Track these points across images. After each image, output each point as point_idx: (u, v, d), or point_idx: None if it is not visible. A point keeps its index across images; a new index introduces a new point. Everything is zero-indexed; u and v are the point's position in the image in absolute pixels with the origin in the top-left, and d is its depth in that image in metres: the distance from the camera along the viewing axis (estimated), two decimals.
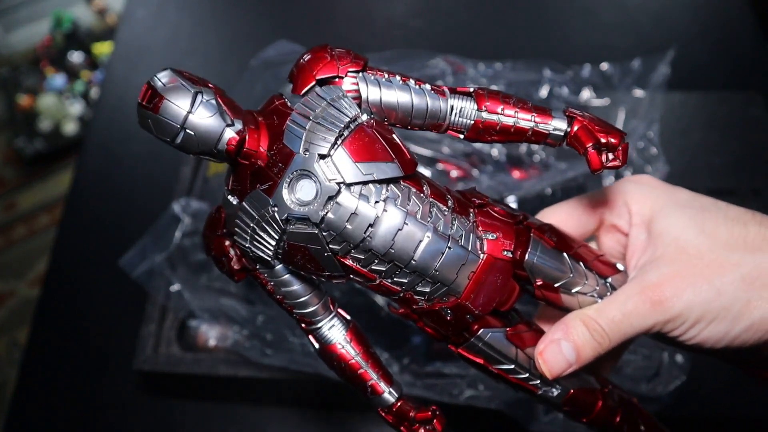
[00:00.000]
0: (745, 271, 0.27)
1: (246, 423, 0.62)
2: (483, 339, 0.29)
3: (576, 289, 0.30)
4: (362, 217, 0.25)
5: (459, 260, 0.27)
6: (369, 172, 0.25)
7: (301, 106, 0.26)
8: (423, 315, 0.28)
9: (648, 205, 0.31)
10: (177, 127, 0.25)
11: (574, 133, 0.28)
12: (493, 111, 0.29)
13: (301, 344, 0.56)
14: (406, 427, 0.29)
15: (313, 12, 0.99)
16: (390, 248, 0.26)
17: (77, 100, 1.92)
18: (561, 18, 0.94)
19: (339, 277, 0.27)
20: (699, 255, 0.28)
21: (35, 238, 1.74)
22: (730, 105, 0.73)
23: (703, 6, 0.93)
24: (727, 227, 0.29)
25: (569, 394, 0.30)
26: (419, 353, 0.54)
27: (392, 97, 0.28)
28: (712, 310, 0.27)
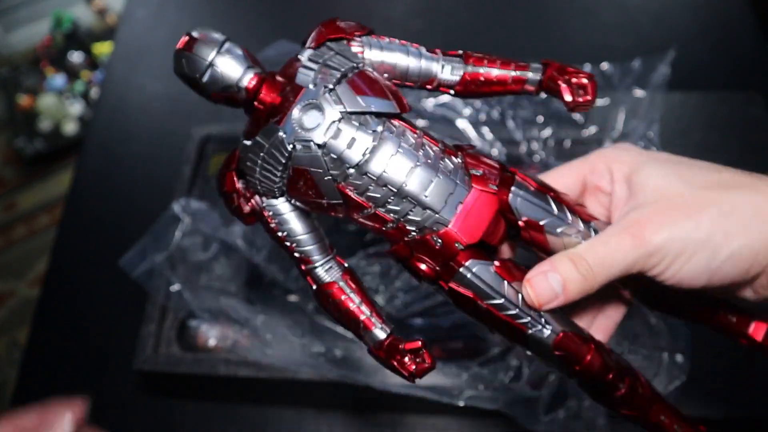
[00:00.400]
0: (722, 207, 0.28)
1: (246, 423, 0.62)
2: (471, 270, 0.30)
3: (560, 229, 0.31)
4: (360, 142, 0.29)
5: (447, 188, 0.30)
6: (368, 104, 0.29)
7: (312, 54, 0.31)
8: (414, 246, 0.30)
9: (627, 162, 0.32)
10: (206, 62, 0.30)
11: (548, 76, 0.31)
12: (478, 64, 0.33)
13: (301, 344, 0.56)
14: (396, 360, 0.31)
15: (313, 12, 0.99)
16: (384, 171, 0.29)
17: (77, 100, 1.92)
18: (561, 18, 0.94)
19: (337, 206, 0.30)
20: (678, 195, 0.29)
21: (35, 238, 1.75)
22: (730, 105, 0.73)
23: (703, 6, 0.93)
24: (703, 174, 0.30)
25: (560, 335, 0.30)
26: None
27: (391, 57, 0.32)
28: (691, 243, 0.28)
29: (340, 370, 0.52)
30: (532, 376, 0.51)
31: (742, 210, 0.28)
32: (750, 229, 0.28)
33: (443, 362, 0.53)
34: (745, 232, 0.28)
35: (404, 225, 0.30)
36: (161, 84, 0.91)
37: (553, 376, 0.51)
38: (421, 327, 0.56)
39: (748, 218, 0.28)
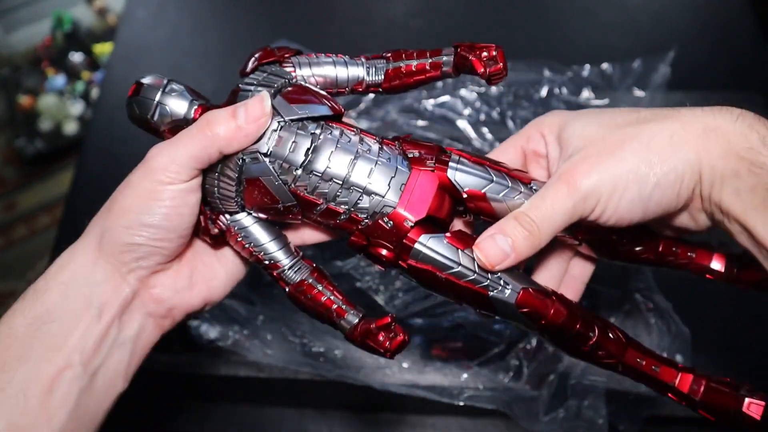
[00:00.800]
0: (642, 139, 0.29)
1: (246, 423, 0.62)
2: (425, 244, 0.32)
3: (502, 194, 0.33)
4: (301, 145, 0.32)
5: (388, 173, 0.32)
6: (303, 111, 0.32)
7: (248, 78, 0.34)
8: (368, 232, 0.32)
9: (556, 123, 0.33)
10: (154, 102, 0.34)
11: (459, 55, 0.33)
12: (397, 59, 0.35)
13: (301, 344, 0.56)
14: (371, 340, 0.32)
15: (313, 12, 0.99)
16: (327, 167, 0.32)
17: (78, 100, 1.92)
18: (561, 18, 0.94)
19: (292, 207, 0.32)
20: (601, 138, 0.30)
21: (36, 238, 1.75)
22: (730, 105, 0.73)
23: (703, 6, 0.93)
24: (622, 115, 0.31)
25: (520, 292, 0.31)
26: (419, 355, 0.54)
27: (320, 70, 0.35)
28: (619, 179, 0.29)
29: (340, 370, 0.52)
30: (532, 376, 0.51)
31: (660, 138, 0.29)
32: (670, 154, 0.28)
33: (443, 362, 0.53)
34: (666, 157, 0.28)
35: (356, 214, 0.32)
36: None
37: (552, 376, 0.51)
38: (421, 327, 0.56)
39: (666, 144, 0.28)
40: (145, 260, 0.31)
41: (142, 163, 0.33)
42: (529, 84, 0.65)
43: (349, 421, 0.61)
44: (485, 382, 0.50)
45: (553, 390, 0.51)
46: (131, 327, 0.32)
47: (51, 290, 0.30)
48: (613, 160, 0.29)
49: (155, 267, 0.32)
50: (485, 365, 0.53)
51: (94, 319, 0.30)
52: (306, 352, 0.55)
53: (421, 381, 0.50)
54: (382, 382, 0.50)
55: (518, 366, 0.53)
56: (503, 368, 0.53)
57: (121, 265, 0.31)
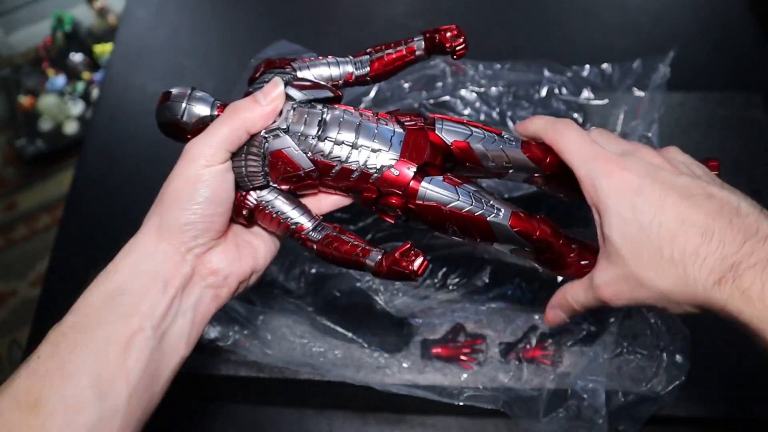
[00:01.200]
0: (680, 272, 0.33)
1: (246, 423, 0.62)
2: (428, 185, 0.38)
3: (481, 143, 0.40)
4: (312, 119, 0.38)
5: (389, 133, 0.38)
6: (310, 95, 0.39)
7: (257, 82, 0.40)
8: (379, 183, 0.38)
9: (584, 176, 0.36)
10: (183, 105, 0.39)
11: (428, 38, 0.40)
12: (378, 51, 0.42)
13: (301, 344, 0.56)
14: (396, 265, 0.36)
15: (313, 12, 0.99)
16: (338, 133, 0.38)
17: (78, 100, 1.92)
18: (561, 18, 0.94)
19: (312, 172, 0.38)
20: (639, 257, 0.34)
21: (36, 238, 1.75)
22: (730, 105, 0.73)
23: (703, 6, 0.93)
24: (671, 208, 0.34)
25: (511, 215, 0.38)
26: (419, 355, 0.54)
27: (317, 71, 0.41)
28: (646, 299, 0.35)
29: (340, 370, 0.52)
30: (532, 376, 0.51)
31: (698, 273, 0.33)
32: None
33: (443, 362, 0.53)
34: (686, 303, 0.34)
35: (366, 170, 0.38)
36: (161, 84, 0.91)
37: (552, 376, 0.51)
38: (421, 327, 0.56)
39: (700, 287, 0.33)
40: (200, 237, 0.36)
41: (182, 156, 0.37)
42: (528, 84, 0.65)
43: (349, 421, 0.61)
44: (485, 383, 0.50)
45: (553, 390, 0.51)
46: (191, 298, 0.36)
47: (120, 271, 0.35)
48: (643, 291, 0.34)
49: (209, 243, 0.37)
50: (485, 365, 0.53)
51: (159, 292, 0.34)
52: (306, 352, 0.55)
53: (421, 381, 0.51)
54: (381, 382, 0.50)
55: (518, 366, 0.53)
56: (503, 368, 0.53)
57: (180, 244, 0.36)
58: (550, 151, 0.40)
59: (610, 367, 0.50)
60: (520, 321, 0.55)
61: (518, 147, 0.41)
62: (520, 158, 0.40)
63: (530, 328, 0.54)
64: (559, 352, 0.53)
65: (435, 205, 0.37)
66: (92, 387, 0.31)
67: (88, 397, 0.30)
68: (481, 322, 0.55)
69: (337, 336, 0.54)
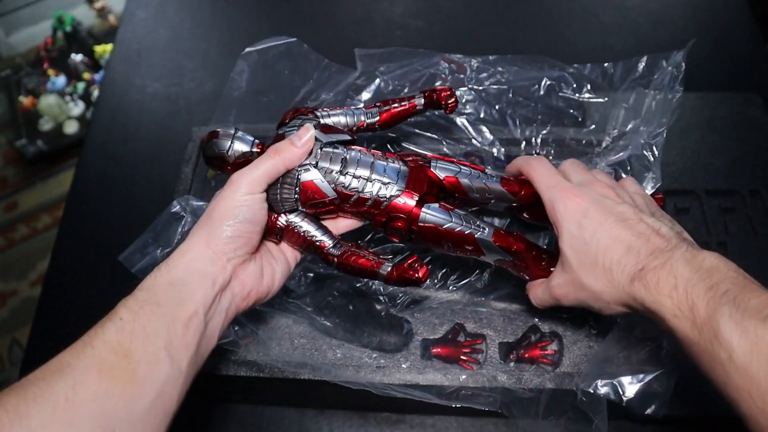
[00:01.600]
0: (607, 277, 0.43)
1: (246, 423, 0.62)
2: (428, 210, 0.47)
3: (467, 178, 0.49)
4: (336, 157, 0.47)
5: (396, 170, 0.47)
6: (333, 138, 0.48)
7: (288, 125, 0.49)
8: (388, 209, 0.47)
9: (547, 198, 0.47)
10: (228, 142, 0.48)
11: (427, 96, 0.53)
12: (386, 105, 0.53)
13: (301, 344, 0.56)
14: (404, 273, 0.44)
15: (313, 12, 0.99)
16: (356, 168, 0.46)
17: (79, 101, 1.93)
18: (561, 18, 0.94)
19: (334, 200, 0.46)
20: (581, 265, 0.44)
21: (36, 238, 1.75)
22: (729, 106, 0.73)
23: (702, 7, 0.93)
24: (604, 228, 0.44)
25: (494, 231, 0.47)
26: (418, 355, 0.54)
27: (336, 119, 0.51)
28: (585, 300, 0.45)
29: (340, 371, 0.52)
30: (532, 377, 0.51)
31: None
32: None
33: (443, 362, 0.53)
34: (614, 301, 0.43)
35: (378, 198, 0.46)
36: (161, 84, 0.91)
37: (552, 375, 0.51)
38: (420, 326, 0.56)
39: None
40: (239, 249, 0.44)
41: (229, 183, 0.45)
42: (528, 82, 0.65)
43: (349, 421, 0.61)
44: (485, 383, 0.50)
45: (552, 391, 0.51)
46: (225, 301, 0.43)
47: (179, 266, 0.42)
48: (584, 292, 0.44)
49: (244, 256, 0.45)
50: (485, 365, 0.53)
51: (209, 287, 0.42)
52: (306, 352, 0.55)
53: (421, 381, 0.51)
54: (381, 382, 0.51)
55: (518, 366, 0.53)
56: (503, 369, 0.53)
57: (223, 254, 0.43)
58: (524, 185, 0.50)
59: (610, 367, 0.50)
60: (520, 321, 0.55)
61: (498, 181, 0.50)
62: (500, 190, 0.50)
63: (530, 328, 0.54)
64: (560, 352, 0.53)
65: (433, 226, 0.46)
66: (165, 349, 0.38)
67: (163, 356, 0.37)
68: (481, 322, 0.55)
69: (336, 336, 0.54)
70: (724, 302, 0.35)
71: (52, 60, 1.99)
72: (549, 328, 0.54)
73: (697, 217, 0.64)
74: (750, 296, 0.35)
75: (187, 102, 0.88)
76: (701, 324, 0.36)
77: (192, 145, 0.65)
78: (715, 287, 0.36)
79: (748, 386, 0.33)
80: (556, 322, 0.54)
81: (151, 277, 0.41)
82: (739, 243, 0.63)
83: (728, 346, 0.34)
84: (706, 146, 0.69)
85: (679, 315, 0.37)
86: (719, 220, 0.64)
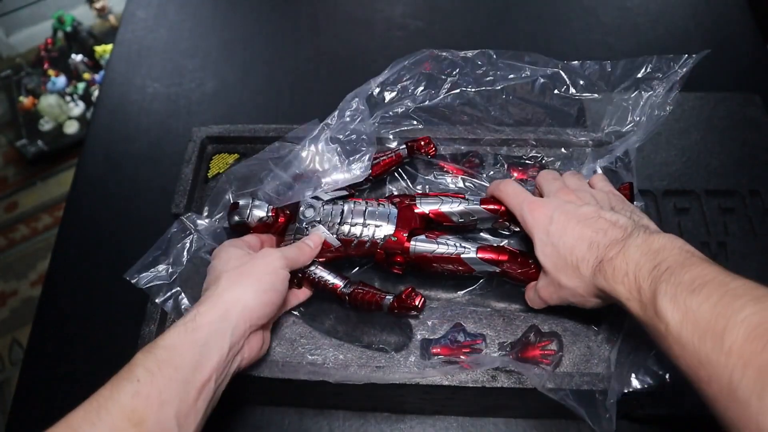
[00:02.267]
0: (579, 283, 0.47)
1: (246, 423, 0.62)
2: (416, 242, 0.53)
3: (448, 208, 0.55)
4: (336, 209, 0.55)
5: (386, 212, 0.55)
6: (333, 195, 0.56)
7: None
8: (384, 248, 0.53)
9: (517, 212, 0.52)
10: (247, 210, 0.55)
11: (408, 146, 0.61)
12: (375, 159, 0.59)
13: (301, 344, 0.56)
14: (404, 305, 0.51)
15: (313, 12, 0.99)
16: (353, 218, 0.54)
17: (79, 101, 1.93)
18: (560, 18, 0.94)
19: (339, 247, 0.54)
20: (557, 271, 0.48)
21: (37, 238, 1.75)
22: (729, 106, 0.73)
23: (703, 7, 0.93)
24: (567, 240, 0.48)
25: (478, 248, 0.52)
26: (418, 355, 0.54)
27: (336, 175, 0.57)
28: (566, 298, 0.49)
29: (340, 371, 0.52)
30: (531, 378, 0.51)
31: None
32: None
33: (443, 362, 0.53)
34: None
35: (375, 240, 0.54)
36: (161, 84, 0.91)
37: (552, 375, 0.51)
38: (420, 326, 0.56)
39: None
40: (263, 318, 0.47)
41: (260, 260, 0.49)
42: (524, 81, 0.65)
43: (349, 421, 0.61)
44: (485, 382, 0.50)
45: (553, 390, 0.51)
46: (234, 365, 0.46)
47: (202, 327, 0.43)
48: (563, 290, 0.48)
49: (259, 324, 0.48)
50: (484, 366, 0.53)
51: (225, 352, 0.43)
52: (306, 352, 0.55)
53: (421, 381, 0.51)
54: (382, 379, 0.51)
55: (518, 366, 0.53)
56: (503, 369, 0.53)
57: (248, 320, 0.46)
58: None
59: (611, 367, 0.50)
60: (519, 321, 0.55)
61: (478, 203, 0.55)
62: (480, 210, 0.55)
63: (530, 328, 0.54)
64: (559, 352, 0.53)
65: (423, 254, 0.53)
66: (176, 417, 0.39)
67: (173, 425, 0.39)
68: (481, 322, 0.55)
69: (336, 336, 0.54)
70: (663, 280, 0.38)
71: (52, 60, 1.99)
72: (549, 328, 0.54)
73: (697, 217, 0.64)
74: (686, 271, 0.37)
75: (187, 102, 0.88)
76: (646, 303, 0.39)
77: (192, 145, 0.65)
78: (658, 267, 0.39)
79: (682, 352, 0.35)
80: (555, 322, 0.54)
81: (174, 333, 0.42)
82: (738, 243, 0.63)
83: (665, 319, 0.36)
84: (706, 146, 0.69)
85: (630, 298, 0.40)
86: (719, 220, 0.64)
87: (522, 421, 0.60)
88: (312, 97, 0.87)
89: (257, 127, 0.66)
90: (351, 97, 0.59)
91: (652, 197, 0.66)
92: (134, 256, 0.76)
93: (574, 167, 0.62)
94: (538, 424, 0.60)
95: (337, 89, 0.87)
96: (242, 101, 0.88)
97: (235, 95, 0.89)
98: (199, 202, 0.63)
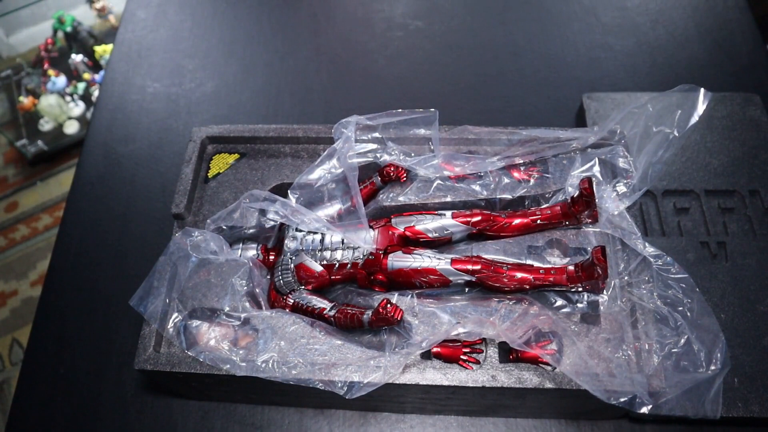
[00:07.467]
0: None
1: (246, 423, 0.62)
2: (393, 259, 0.56)
3: (422, 225, 0.58)
4: (315, 238, 0.58)
5: (364, 233, 0.57)
6: (311, 227, 0.58)
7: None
8: (365, 267, 0.56)
9: None
10: (239, 252, 0.59)
11: (380, 174, 0.61)
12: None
13: (301, 344, 0.56)
14: (381, 318, 0.51)
15: (313, 12, 0.99)
16: (331, 242, 0.58)
17: (79, 101, 1.93)
18: (560, 18, 0.94)
19: (322, 272, 0.57)
20: None
21: (37, 238, 1.75)
22: (728, 106, 0.73)
23: (702, 7, 0.93)
24: None
25: (452, 259, 0.55)
26: (419, 355, 0.54)
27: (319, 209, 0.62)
28: None
29: (340, 371, 0.52)
30: (532, 376, 0.51)
31: None
32: None
33: (443, 362, 0.53)
34: None
35: (355, 261, 0.57)
36: (161, 84, 0.91)
37: (552, 375, 0.51)
38: (420, 326, 0.56)
39: None
40: None
41: None
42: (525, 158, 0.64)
43: (349, 421, 0.61)
44: (485, 382, 0.50)
45: (553, 390, 0.51)
46: None
47: None
48: None
49: None
50: (485, 365, 0.53)
51: None
52: (306, 352, 0.55)
53: (421, 381, 0.51)
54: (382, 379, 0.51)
55: (518, 366, 0.53)
56: (503, 369, 0.53)
57: None
58: (473, 213, 0.57)
59: (609, 367, 0.50)
60: (519, 321, 0.55)
61: (451, 216, 0.57)
62: (453, 224, 0.57)
63: (530, 327, 0.54)
64: (559, 352, 0.53)
65: (400, 269, 0.55)
66: None
67: None
68: (480, 320, 0.55)
69: (336, 336, 0.54)
70: None
71: (52, 60, 1.99)
72: (549, 328, 0.54)
73: (697, 217, 0.64)
74: None
75: (187, 102, 0.88)
76: None
77: (192, 145, 0.65)
78: None
79: None
80: (555, 321, 0.54)
81: None
82: (738, 243, 0.63)
83: None
84: (706, 146, 0.69)
85: None
86: (719, 220, 0.64)
87: (522, 421, 0.60)
88: (312, 97, 0.87)
89: (257, 127, 0.66)
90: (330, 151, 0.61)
91: (652, 197, 0.66)
92: (134, 256, 0.76)
93: (574, 166, 0.62)
94: (538, 424, 0.60)
95: (337, 89, 0.88)
96: (242, 101, 0.88)
97: (235, 95, 0.89)
98: (199, 202, 0.63)
